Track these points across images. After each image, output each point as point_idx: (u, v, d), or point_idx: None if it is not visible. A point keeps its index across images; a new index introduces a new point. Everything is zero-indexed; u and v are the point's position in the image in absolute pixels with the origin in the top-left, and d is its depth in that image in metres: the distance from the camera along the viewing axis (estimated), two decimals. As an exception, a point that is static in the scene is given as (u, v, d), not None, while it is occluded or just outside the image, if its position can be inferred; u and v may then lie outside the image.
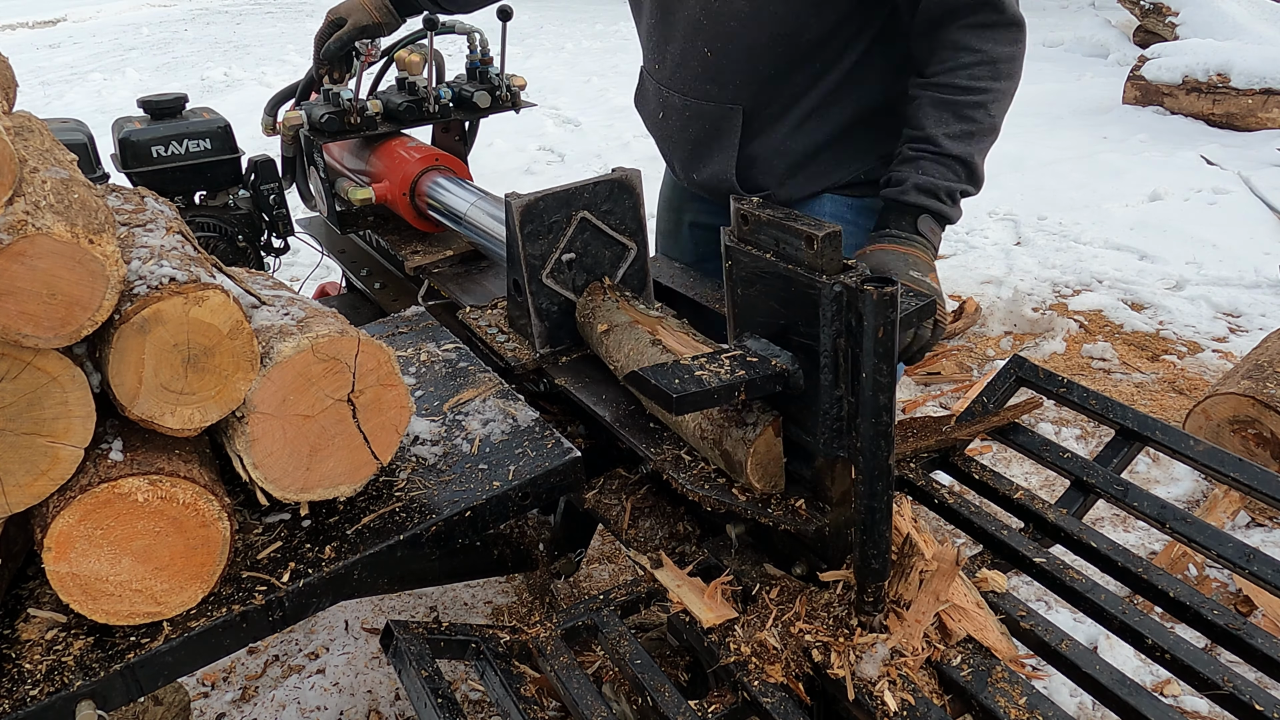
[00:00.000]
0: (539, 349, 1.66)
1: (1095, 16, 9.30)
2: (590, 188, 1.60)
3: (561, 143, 6.66)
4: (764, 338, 1.18)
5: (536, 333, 1.65)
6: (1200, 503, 2.70)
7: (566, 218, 1.59)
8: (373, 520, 1.25)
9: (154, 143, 2.27)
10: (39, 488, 1.05)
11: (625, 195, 1.64)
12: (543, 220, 1.57)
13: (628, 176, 1.63)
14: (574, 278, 1.64)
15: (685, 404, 1.09)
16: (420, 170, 2.26)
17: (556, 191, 1.57)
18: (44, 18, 15.06)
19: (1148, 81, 6.54)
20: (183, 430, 1.11)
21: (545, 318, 1.64)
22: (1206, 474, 1.37)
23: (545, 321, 1.65)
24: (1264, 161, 5.34)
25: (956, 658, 1.11)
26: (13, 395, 1.01)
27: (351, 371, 1.20)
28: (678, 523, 1.50)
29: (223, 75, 9.54)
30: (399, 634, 1.24)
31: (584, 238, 1.62)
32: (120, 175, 2.33)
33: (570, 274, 1.64)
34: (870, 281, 1.00)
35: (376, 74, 2.53)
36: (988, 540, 1.32)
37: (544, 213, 1.57)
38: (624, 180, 1.63)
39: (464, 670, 2.14)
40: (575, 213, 1.60)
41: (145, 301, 1.05)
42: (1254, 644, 1.11)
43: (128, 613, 1.09)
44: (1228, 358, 3.45)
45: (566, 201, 1.58)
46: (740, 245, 1.17)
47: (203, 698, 2.19)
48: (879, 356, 1.01)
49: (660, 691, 1.12)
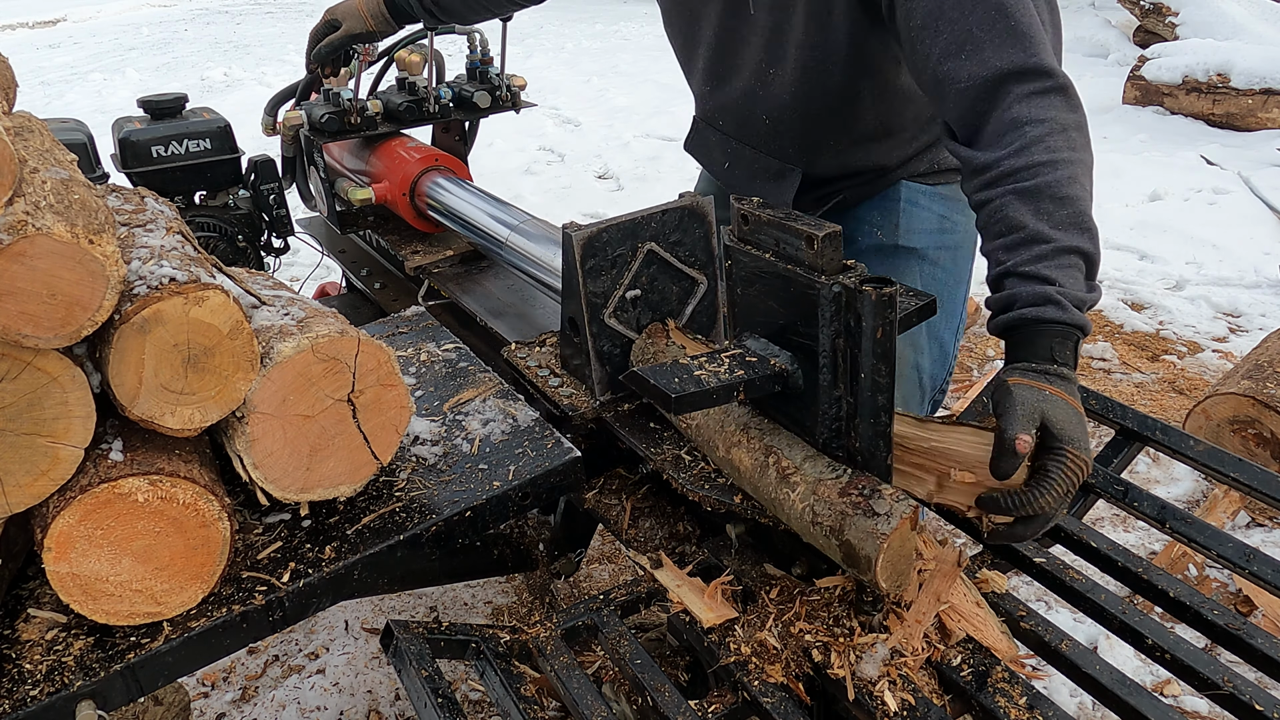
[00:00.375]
0: (599, 396, 1.50)
1: (1095, 16, 9.30)
2: (658, 216, 1.45)
3: (561, 143, 6.66)
4: (763, 338, 1.18)
5: (596, 378, 1.49)
6: (1200, 503, 2.70)
7: (632, 250, 1.44)
8: (373, 520, 1.25)
9: (154, 143, 2.27)
10: (39, 488, 1.05)
11: (696, 224, 1.49)
12: (606, 254, 1.42)
13: (699, 204, 1.48)
14: (638, 316, 1.49)
15: (684, 404, 1.09)
16: (420, 170, 2.27)
17: (621, 222, 1.43)
18: (44, 18, 15.06)
19: (1148, 81, 6.54)
20: (183, 430, 1.11)
21: (606, 361, 1.49)
22: (1206, 474, 1.38)
23: (606, 365, 1.49)
24: (1264, 161, 5.34)
25: (956, 658, 1.11)
26: (13, 395, 1.01)
27: (351, 371, 1.20)
28: (678, 523, 1.50)
29: (223, 75, 9.54)
30: (399, 634, 1.24)
31: (650, 271, 1.47)
32: (120, 175, 2.33)
33: (634, 312, 1.48)
34: (869, 281, 1.00)
35: (376, 74, 2.53)
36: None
37: (607, 245, 1.42)
38: (695, 207, 1.48)
39: (464, 670, 2.14)
40: (641, 245, 1.45)
41: (145, 301, 1.05)
42: (1254, 644, 1.11)
43: (128, 613, 1.09)
44: (1228, 358, 3.45)
45: (632, 232, 1.44)
46: (740, 245, 1.17)
47: (203, 698, 2.19)
48: (877, 357, 1.01)
49: (660, 691, 1.12)
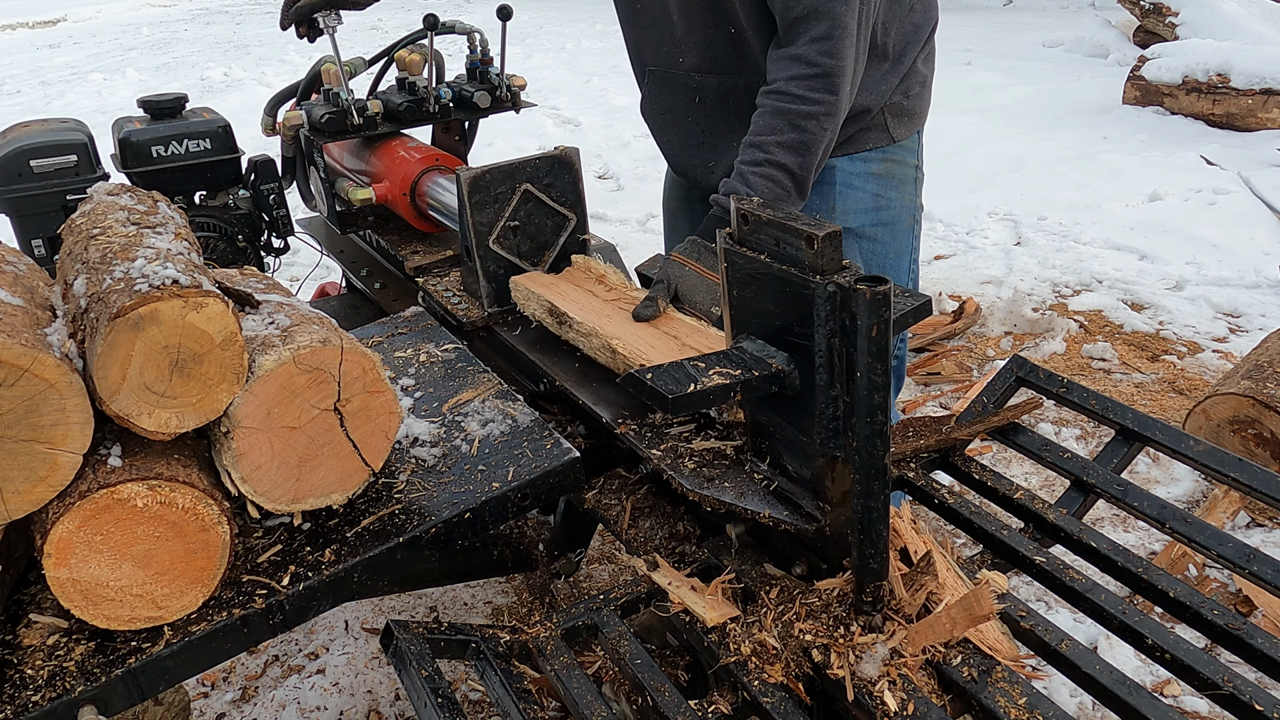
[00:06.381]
0: (487, 308, 1.83)
1: (1095, 16, 9.29)
2: (533, 163, 1.77)
3: (561, 143, 6.65)
4: (761, 339, 1.19)
5: (484, 294, 1.82)
6: (1200, 503, 2.70)
7: (511, 189, 1.76)
8: (372, 523, 1.25)
9: (154, 143, 2.27)
10: (38, 494, 1.05)
11: (565, 171, 1.81)
12: (489, 191, 1.74)
13: (567, 153, 1.81)
14: (518, 244, 1.82)
15: (681, 404, 1.09)
16: (420, 170, 2.26)
17: (501, 166, 1.74)
18: (44, 18, 15.06)
19: (1148, 81, 6.53)
20: (158, 434, 1.10)
21: (492, 280, 1.81)
22: (1206, 474, 1.37)
23: (492, 283, 1.81)
24: (1264, 161, 5.34)
25: (956, 658, 1.11)
26: (10, 402, 1.01)
27: (336, 380, 1.20)
28: (678, 523, 1.50)
29: (223, 75, 9.54)
30: (399, 634, 1.24)
31: (527, 208, 1.80)
32: (120, 175, 2.33)
33: (515, 240, 1.81)
34: (863, 281, 1.00)
35: (376, 74, 2.53)
36: (988, 540, 1.32)
37: (490, 184, 1.74)
38: (563, 157, 1.80)
39: (464, 670, 2.14)
40: (519, 185, 1.77)
41: (144, 299, 1.05)
42: (1254, 644, 1.11)
43: (129, 618, 1.09)
44: (1228, 358, 3.45)
45: (511, 175, 1.75)
46: (736, 247, 1.18)
47: (203, 698, 2.19)
48: (873, 356, 1.01)
49: (660, 691, 1.12)
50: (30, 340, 1.04)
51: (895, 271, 2.09)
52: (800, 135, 1.68)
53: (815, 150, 1.71)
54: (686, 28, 1.92)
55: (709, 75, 1.95)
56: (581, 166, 1.84)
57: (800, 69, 1.68)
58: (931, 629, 1.10)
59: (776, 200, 1.68)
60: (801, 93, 1.68)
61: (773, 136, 1.69)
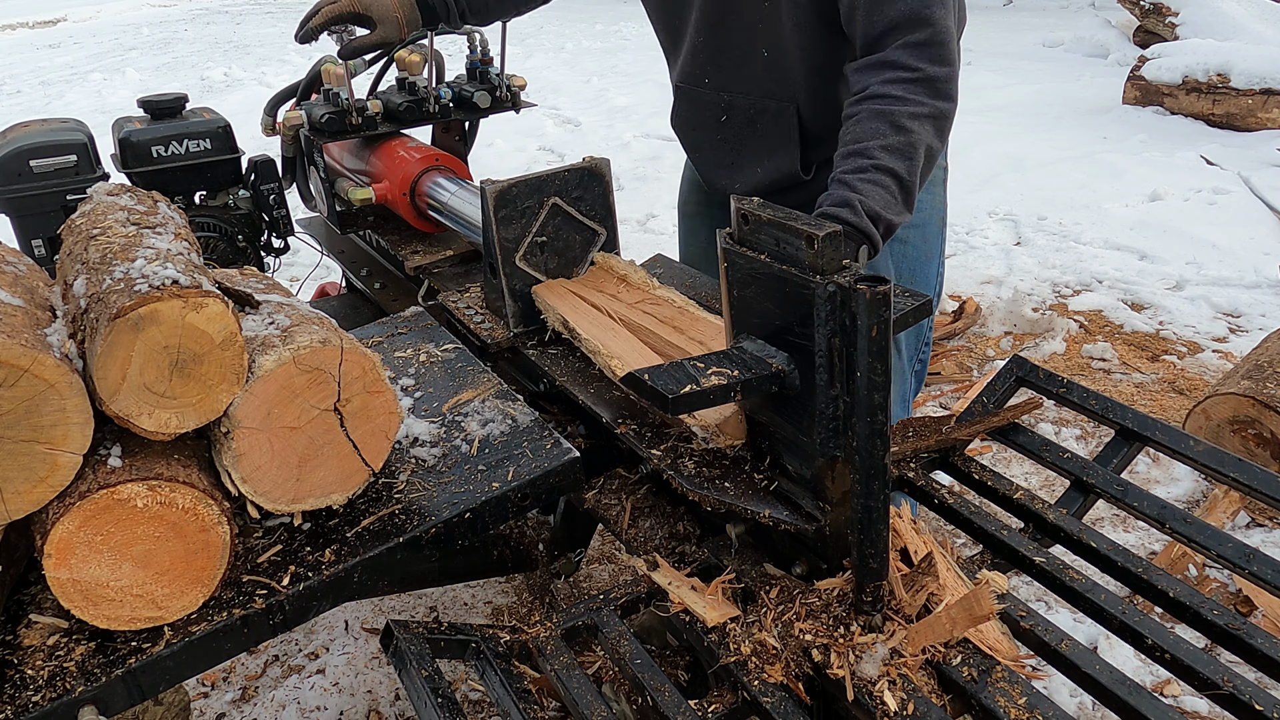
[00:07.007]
0: (513, 328, 1.74)
1: (1095, 16, 9.30)
2: (562, 175, 1.68)
3: (561, 143, 6.66)
4: (761, 339, 1.19)
5: (510, 313, 1.72)
6: (1200, 503, 2.70)
7: (539, 203, 1.67)
8: (372, 523, 1.25)
9: (154, 143, 2.26)
10: (38, 495, 1.05)
11: (594, 182, 1.72)
12: (516, 205, 1.65)
13: (597, 165, 1.71)
14: (546, 260, 1.73)
15: (681, 404, 1.09)
16: (420, 170, 2.26)
17: (529, 179, 1.64)
18: (44, 18, 15.06)
19: (1148, 81, 6.54)
20: (157, 434, 1.10)
21: (519, 298, 1.72)
22: (1206, 474, 1.37)
23: (518, 302, 1.72)
24: (1264, 161, 5.34)
25: (956, 658, 1.11)
26: (10, 402, 1.01)
27: (336, 381, 1.20)
28: (678, 523, 1.50)
29: (223, 75, 9.55)
30: (399, 634, 1.24)
31: (555, 222, 1.71)
32: (120, 175, 2.33)
33: (542, 257, 1.72)
34: (863, 280, 1.00)
35: (376, 74, 2.53)
36: (988, 540, 1.32)
37: (517, 198, 1.64)
38: (593, 168, 1.71)
39: (464, 670, 2.14)
40: (547, 199, 1.68)
41: (144, 299, 1.04)
42: (1254, 644, 1.11)
43: (129, 618, 1.09)
44: (1228, 358, 3.45)
45: (538, 188, 1.66)
46: (736, 248, 1.18)
47: (203, 698, 2.19)
48: (873, 356, 1.01)
49: (660, 691, 1.12)
50: (30, 341, 1.04)
51: (925, 274, 2.04)
52: (905, 138, 1.56)
53: (919, 155, 1.58)
54: (717, 45, 1.88)
55: (738, 95, 1.92)
56: (611, 178, 1.75)
57: (898, 74, 1.58)
58: (931, 629, 1.10)
59: (886, 209, 1.53)
60: (902, 94, 1.57)
61: (875, 141, 1.56)
